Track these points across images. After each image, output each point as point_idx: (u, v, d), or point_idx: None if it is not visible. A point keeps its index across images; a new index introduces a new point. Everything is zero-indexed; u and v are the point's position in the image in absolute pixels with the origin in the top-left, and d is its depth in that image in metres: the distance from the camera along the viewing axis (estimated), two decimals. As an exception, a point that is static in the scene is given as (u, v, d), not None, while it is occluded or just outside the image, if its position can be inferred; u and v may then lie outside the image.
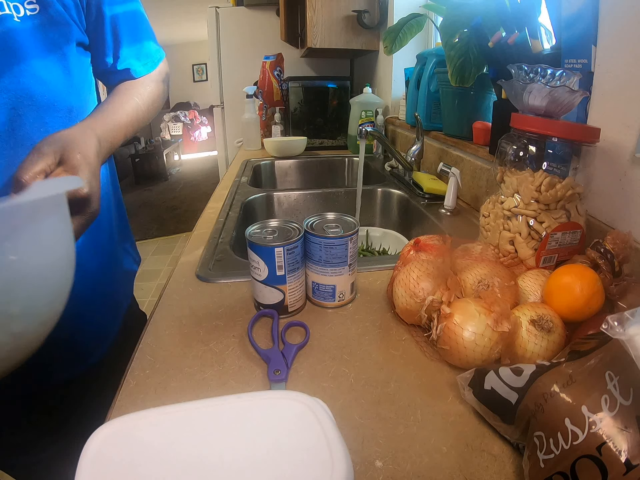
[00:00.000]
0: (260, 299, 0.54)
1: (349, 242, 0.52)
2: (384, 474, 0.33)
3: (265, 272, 0.51)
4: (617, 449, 0.25)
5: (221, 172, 2.85)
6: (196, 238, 0.79)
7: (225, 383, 0.42)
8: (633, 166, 0.53)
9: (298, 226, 0.54)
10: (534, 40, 0.69)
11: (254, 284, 0.53)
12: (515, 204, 0.54)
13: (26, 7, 0.45)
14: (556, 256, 0.53)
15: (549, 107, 0.51)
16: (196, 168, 5.90)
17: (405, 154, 1.13)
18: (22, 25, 0.44)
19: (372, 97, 1.56)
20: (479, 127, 0.92)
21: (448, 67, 0.86)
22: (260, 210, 1.11)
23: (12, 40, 0.44)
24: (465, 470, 0.33)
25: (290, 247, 0.50)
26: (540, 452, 0.29)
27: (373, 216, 1.17)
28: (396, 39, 1.17)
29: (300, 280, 0.54)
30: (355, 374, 0.44)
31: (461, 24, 0.82)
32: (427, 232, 0.91)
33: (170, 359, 0.46)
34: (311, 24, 1.56)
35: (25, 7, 0.45)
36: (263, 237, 0.51)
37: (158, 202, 4.35)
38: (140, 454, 0.28)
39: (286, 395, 0.33)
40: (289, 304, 0.53)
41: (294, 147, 1.56)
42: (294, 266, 0.52)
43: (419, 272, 0.49)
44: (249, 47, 2.36)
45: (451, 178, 0.91)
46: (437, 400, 0.40)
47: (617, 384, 0.27)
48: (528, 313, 0.42)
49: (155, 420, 0.30)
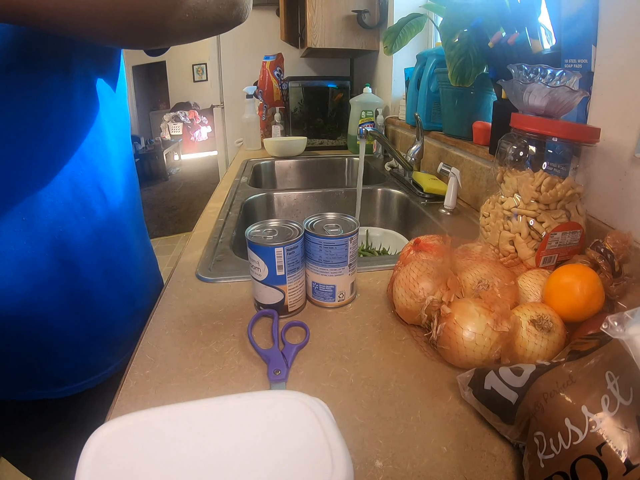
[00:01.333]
0: (260, 299, 0.54)
1: (349, 242, 0.52)
2: (384, 474, 0.33)
3: (265, 272, 0.51)
4: (617, 449, 0.25)
5: (221, 172, 2.85)
6: (196, 238, 0.79)
7: (225, 383, 0.42)
8: (633, 166, 0.53)
9: (298, 226, 0.54)
10: (534, 40, 0.69)
11: (254, 284, 0.53)
12: (515, 204, 0.54)
13: None
14: (556, 256, 0.53)
15: (549, 107, 0.51)
16: (196, 168, 5.90)
17: (405, 154, 1.13)
18: None
19: (372, 97, 1.56)
20: (479, 127, 0.92)
21: (448, 67, 0.86)
22: (260, 210, 1.11)
23: None
24: (465, 470, 0.33)
25: (290, 247, 0.50)
26: (540, 452, 0.29)
27: (373, 216, 1.17)
28: (396, 39, 1.17)
29: (300, 280, 0.54)
30: (355, 374, 0.44)
31: (461, 24, 0.82)
32: (427, 232, 0.91)
33: (170, 359, 0.46)
34: (311, 24, 1.57)
35: None
36: (263, 237, 0.51)
37: (158, 202, 4.34)
38: (140, 454, 0.28)
39: (286, 395, 0.33)
40: (289, 304, 0.53)
41: (294, 147, 1.56)
42: (294, 266, 0.52)
43: (419, 272, 0.49)
44: (249, 47, 2.36)
45: (451, 178, 0.91)
46: (437, 400, 0.40)
47: (617, 384, 0.27)
48: (528, 313, 0.42)
49: (155, 420, 0.30)
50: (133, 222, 0.58)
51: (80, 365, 0.54)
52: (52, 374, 0.52)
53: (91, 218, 0.49)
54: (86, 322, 0.51)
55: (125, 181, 0.56)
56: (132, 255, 0.58)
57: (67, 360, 0.52)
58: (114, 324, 0.55)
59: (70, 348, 0.51)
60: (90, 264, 0.50)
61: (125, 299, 0.57)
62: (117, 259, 0.54)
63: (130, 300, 0.58)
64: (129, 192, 0.57)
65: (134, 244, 0.59)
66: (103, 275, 0.52)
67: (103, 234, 0.51)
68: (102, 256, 0.52)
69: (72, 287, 0.49)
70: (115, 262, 0.54)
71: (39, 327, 0.48)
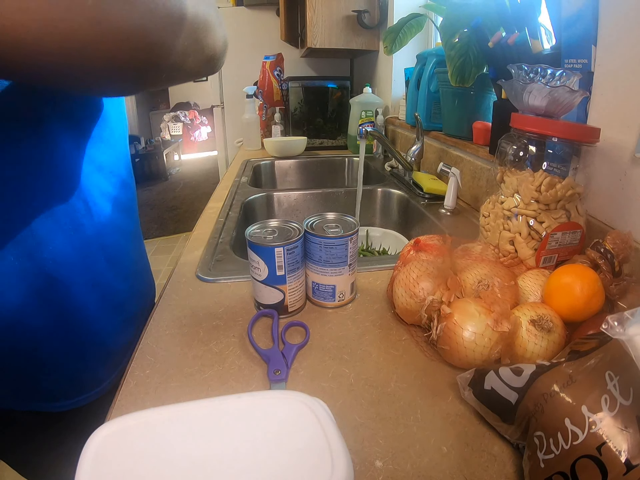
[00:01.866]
0: (260, 299, 0.54)
1: (349, 242, 0.52)
2: (384, 474, 0.33)
3: (265, 272, 0.51)
4: (617, 449, 0.25)
5: (221, 172, 2.85)
6: (196, 238, 0.79)
7: (225, 383, 0.42)
8: (633, 166, 0.53)
9: (298, 226, 0.54)
10: (534, 40, 0.69)
11: (254, 284, 0.53)
12: (515, 204, 0.54)
13: None
14: (556, 256, 0.53)
15: (549, 107, 0.51)
16: (196, 168, 5.90)
17: (405, 154, 1.13)
18: None
19: (372, 97, 1.56)
20: (479, 127, 0.92)
21: (448, 67, 0.86)
22: (260, 210, 1.11)
23: None
24: (465, 470, 0.33)
25: (290, 247, 0.50)
26: (540, 452, 0.29)
27: (373, 216, 1.17)
28: (396, 39, 1.17)
29: (300, 280, 0.54)
30: (355, 374, 0.44)
31: (461, 24, 0.82)
32: (427, 232, 0.91)
33: (170, 359, 0.46)
34: (311, 24, 1.57)
35: None
36: (263, 237, 0.51)
37: (158, 202, 4.34)
38: (140, 454, 0.28)
39: (286, 395, 0.33)
40: (289, 304, 0.53)
41: (294, 147, 1.56)
42: (294, 266, 0.52)
43: (419, 272, 0.49)
44: (249, 47, 2.36)
45: (451, 178, 0.91)
46: (437, 400, 0.40)
47: (617, 384, 0.27)
48: (528, 313, 0.42)
49: (155, 420, 0.30)
50: (123, 232, 0.57)
51: (74, 381, 0.53)
52: (47, 389, 0.51)
53: (79, 232, 0.48)
54: (77, 336, 0.50)
55: (115, 191, 0.54)
56: (121, 265, 0.57)
57: (61, 374, 0.51)
58: (105, 338, 0.54)
59: (62, 363, 0.50)
60: (80, 279, 0.49)
61: (116, 309, 0.55)
62: (105, 272, 0.53)
63: (121, 310, 0.57)
64: (120, 200, 0.55)
65: (124, 254, 0.57)
66: (91, 288, 0.51)
67: (91, 247, 0.50)
68: (90, 269, 0.50)
69: (61, 303, 0.48)
70: (104, 275, 0.53)
71: (31, 341, 0.47)
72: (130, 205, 0.60)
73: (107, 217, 0.53)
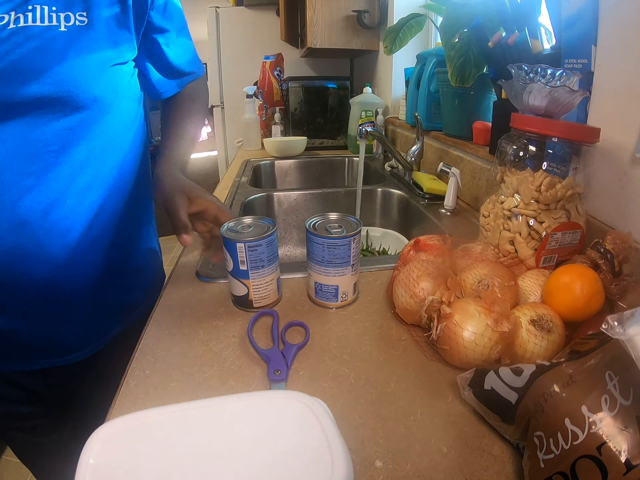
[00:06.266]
0: (232, 290, 0.56)
1: (352, 242, 0.52)
2: (384, 474, 0.33)
3: (231, 265, 0.53)
4: (617, 449, 0.25)
5: (221, 172, 2.84)
6: (196, 238, 0.79)
7: (225, 383, 0.42)
8: (633, 166, 0.53)
9: (271, 225, 0.55)
10: (534, 40, 0.69)
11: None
12: (515, 204, 0.54)
13: (77, 17, 0.50)
14: (556, 256, 0.53)
15: (549, 107, 0.51)
16: (196, 168, 5.89)
17: (405, 154, 1.13)
18: (65, 33, 0.49)
19: (372, 97, 1.56)
20: (479, 127, 0.92)
21: (448, 67, 0.86)
22: (260, 210, 1.11)
23: (52, 45, 0.48)
24: (465, 470, 0.33)
25: (252, 245, 0.51)
26: (540, 452, 0.29)
27: (373, 216, 1.17)
28: (396, 39, 1.17)
29: (265, 280, 0.54)
30: (355, 373, 0.44)
31: (461, 24, 0.82)
32: (427, 232, 0.91)
33: (170, 359, 0.46)
34: (311, 24, 1.56)
35: (77, 17, 0.50)
36: (234, 232, 0.53)
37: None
38: (140, 454, 0.28)
39: (286, 395, 0.33)
40: (253, 299, 0.54)
41: (294, 147, 1.56)
42: (257, 264, 0.52)
43: (419, 272, 0.49)
44: (249, 47, 2.36)
45: (451, 178, 0.91)
46: (437, 400, 0.40)
47: (617, 384, 0.27)
48: (528, 313, 0.42)
49: (155, 420, 0.30)
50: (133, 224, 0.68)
51: (90, 330, 0.60)
52: (65, 340, 0.58)
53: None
54: (103, 288, 0.60)
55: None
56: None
57: (81, 324, 0.59)
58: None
59: (84, 312, 0.58)
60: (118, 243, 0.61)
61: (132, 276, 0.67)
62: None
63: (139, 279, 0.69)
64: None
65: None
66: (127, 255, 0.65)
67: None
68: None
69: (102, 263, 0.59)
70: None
71: (64, 289, 0.54)
72: (136, 205, 0.73)
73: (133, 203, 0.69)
